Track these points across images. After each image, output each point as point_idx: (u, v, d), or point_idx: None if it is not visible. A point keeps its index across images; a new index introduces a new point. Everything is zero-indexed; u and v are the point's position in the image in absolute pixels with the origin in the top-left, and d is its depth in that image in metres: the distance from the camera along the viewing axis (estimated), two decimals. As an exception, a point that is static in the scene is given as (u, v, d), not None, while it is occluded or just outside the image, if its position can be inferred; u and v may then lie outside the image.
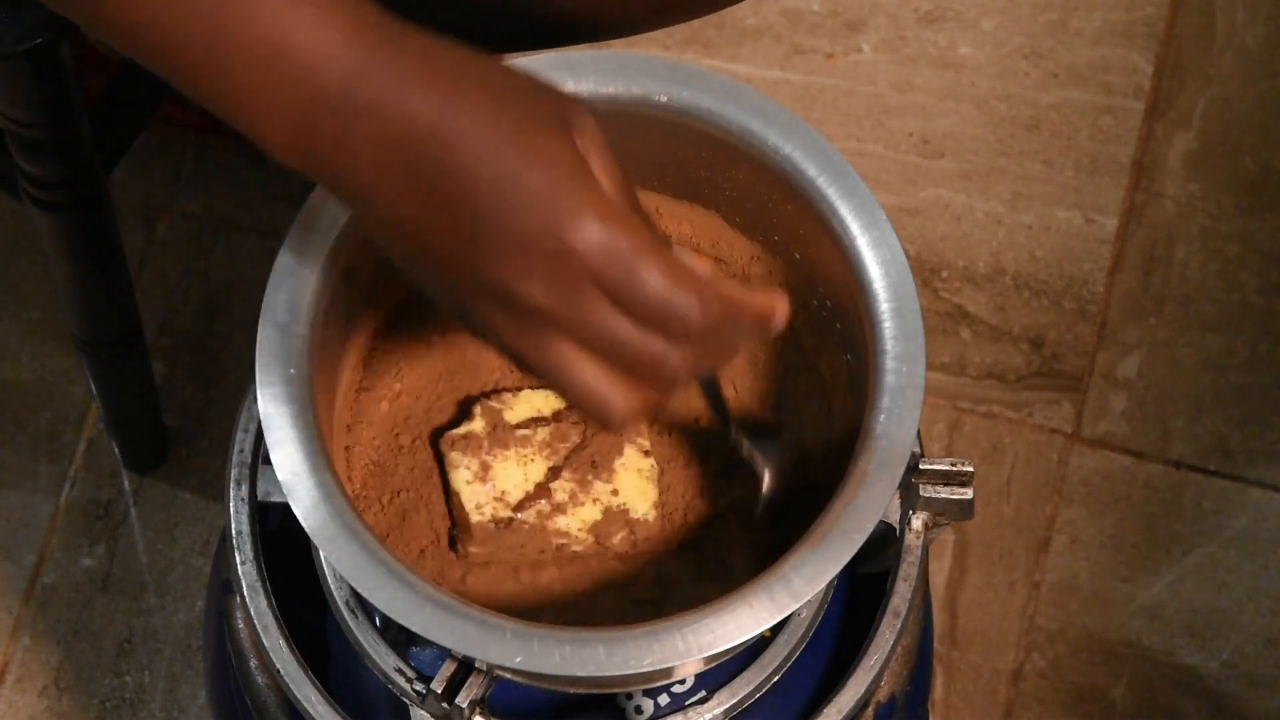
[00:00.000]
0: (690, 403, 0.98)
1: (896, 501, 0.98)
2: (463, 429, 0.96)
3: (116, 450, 1.48)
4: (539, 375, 0.78)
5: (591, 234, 0.75)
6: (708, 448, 0.98)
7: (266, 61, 0.75)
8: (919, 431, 0.96)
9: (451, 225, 0.76)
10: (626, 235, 0.75)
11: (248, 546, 0.99)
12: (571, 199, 0.75)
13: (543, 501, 0.95)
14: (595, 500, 0.95)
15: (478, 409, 0.96)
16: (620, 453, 0.96)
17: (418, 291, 1.00)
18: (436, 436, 0.97)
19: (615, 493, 0.95)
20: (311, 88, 0.75)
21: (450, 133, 0.75)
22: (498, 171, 0.75)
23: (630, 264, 0.75)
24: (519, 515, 0.94)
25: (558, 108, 0.77)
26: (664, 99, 0.93)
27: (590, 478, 0.95)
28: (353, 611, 0.95)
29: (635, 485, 0.95)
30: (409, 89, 0.75)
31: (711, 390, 0.93)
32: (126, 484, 1.49)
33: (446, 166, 0.75)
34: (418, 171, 0.75)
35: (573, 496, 0.95)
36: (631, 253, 0.75)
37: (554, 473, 0.95)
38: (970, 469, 0.95)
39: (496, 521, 0.94)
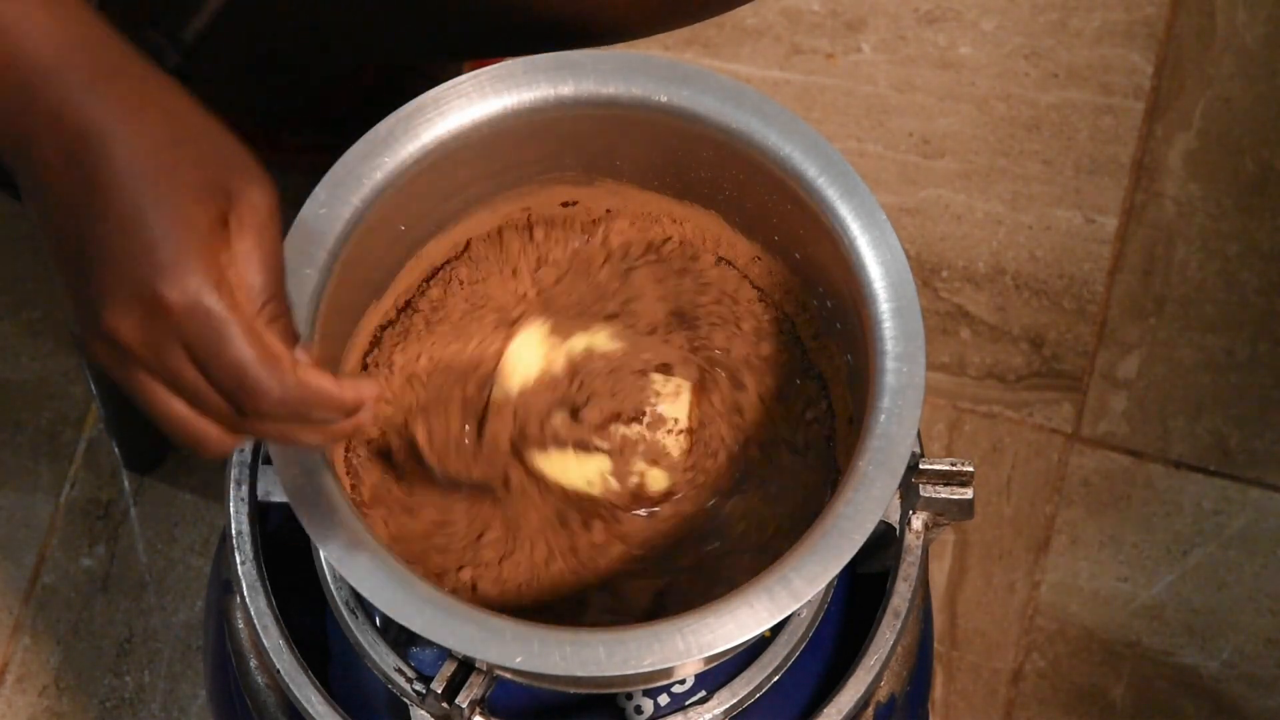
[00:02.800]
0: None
1: (896, 501, 0.98)
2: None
3: (116, 450, 1.48)
4: (136, 404, 0.80)
5: (184, 293, 0.76)
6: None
7: None
8: (919, 431, 0.96)
9: (79, 242, 0.77)
10: (222, 305, 0.76)
11: (248, 546, 0.99)
12: (178, 254, 0.76)
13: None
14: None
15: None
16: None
17: (419, 290, 1.00)
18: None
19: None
20: (11, 70, 0.76)
21: (112, 153, 0.76)
22: (134, 207, 0.76)
23: (213, 332, 0.77)
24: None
25: (227, 167, 0.78)
26: (664, 99, 0.93)
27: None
28: (353, 611, 0.95)
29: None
30: (96, 101, 0.76)
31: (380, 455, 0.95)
32: (126, 484, 1.49)
33: (96, 184, 0.76)
34: (73, 177, 0.77)
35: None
36: (220, 322, 0.77)
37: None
38: (970, 469, 0.95)
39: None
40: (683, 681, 0.99)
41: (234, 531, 0.99)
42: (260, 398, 0.77)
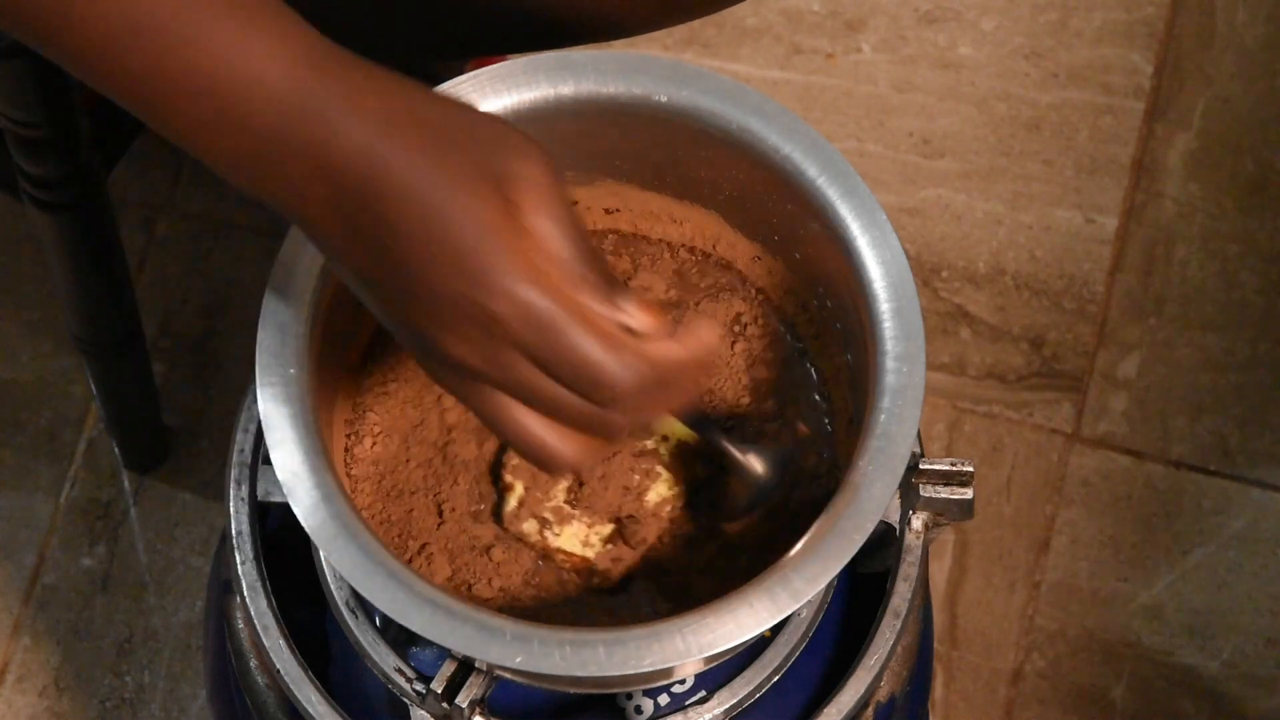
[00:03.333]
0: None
1: (896, 501, 0.98)
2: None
3: (116, 450, 1.48)
4: (485, 424, 0.79)
5: (512, 302, 0.74)
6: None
7: (209, 94, 0.75)
8: (919, 431, 0.96)
9: (382, 273, 0.76)
10: (549, 302, 0.75)
11: (248, 546, 0.99)
12: (492, 264, 0.74)
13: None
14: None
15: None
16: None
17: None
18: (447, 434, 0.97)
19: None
20: (252, 122, 0.75)
21: (379, 179, 0.74)
22: (423, 227, 0.74)
23: (552, 334, 0.75)
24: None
25: (498, 155, 0.77)
26: (664, 99, 0.93)
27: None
28: (353, 611, 0.95)
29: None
30: (344, 130, 0.75)
31: (698, 424, 0.93)
32: (126, 484, 1.49)
33: (375, 214, 0.75)
34: (351, 215, 0.75)
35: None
36: (553, 321, 0.75)
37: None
38: (970, 469, 0.95)
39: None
40: (683, 681, 0.99)
41: (234, 531, 0.99)
42: (614, 387, 0.76)
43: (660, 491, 0.95)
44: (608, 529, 0.95)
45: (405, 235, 0.75)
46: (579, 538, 0.95)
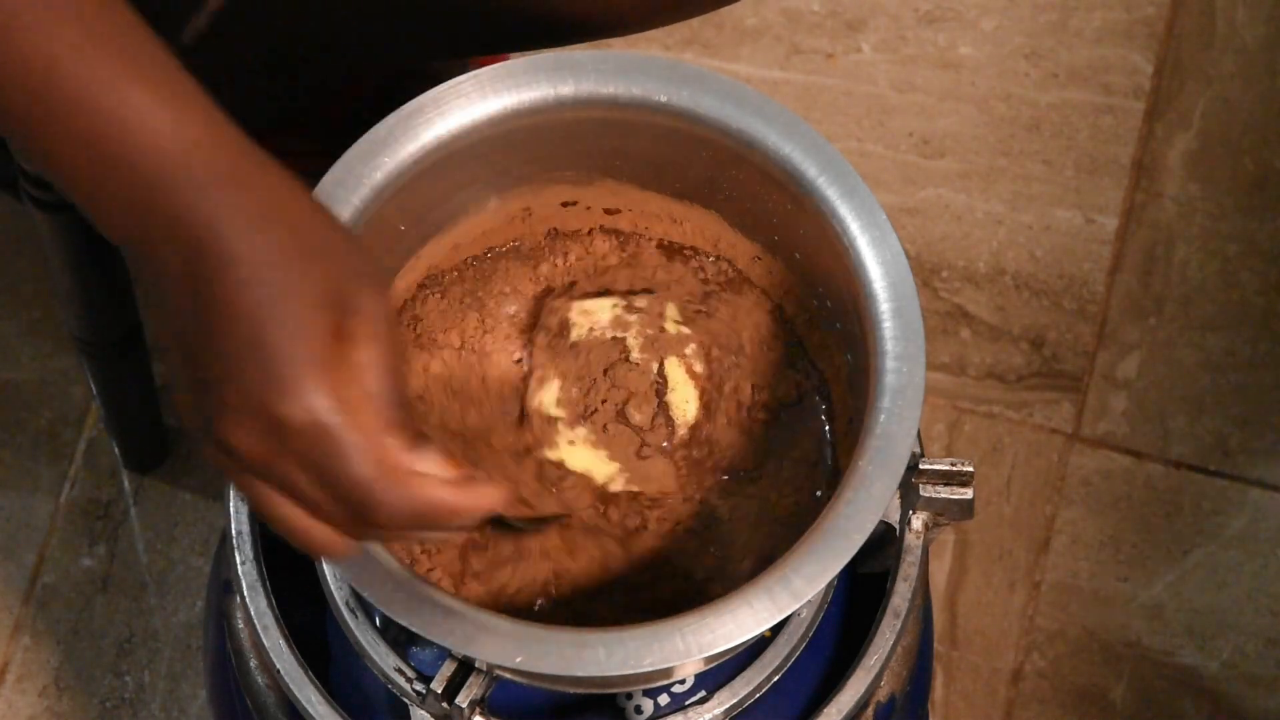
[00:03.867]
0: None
1: (896, 501, 0.98)
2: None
3: (116, 450, 1.48)
4: (256, 511, 0.80)
5: (303, 411, 0.75)
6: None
7: (98, 140, 0.75)
8: (919, 431, 0.96)
9: (201, 348, 0.76)
10: (339, 420, 0.76)
11: (248, 546, 0.99)
12: (297, 372, 0.75)
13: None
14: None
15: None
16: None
17: (421, 287, 1.00)
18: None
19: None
20: (132, 179, 0.76)
21: (230, 267, 0.75)
22: (252, 323, 0.75)
23: (332, 450, 0.76)
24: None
25: (348, 281, 0.77)
26: (664, 99, 0.93)
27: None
28: (353, 611, 0.95)
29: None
30: (216, 209, 0.76)
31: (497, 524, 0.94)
32: (126, 484, 1.49)
33: (215, 296, 0.76)
34: (194, 287, 0.76)
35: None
36: (337, 439, 0.76)
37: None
38: (970, 469, 0.95)
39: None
40: (683, 681, 0.99)
41: (234, 531, 0.99)
42: (381, 513, 0.77)
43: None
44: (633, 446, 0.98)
45: (232, 320, 0.76)
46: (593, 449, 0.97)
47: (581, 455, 0.98)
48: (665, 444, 0.98)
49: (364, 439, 0.76)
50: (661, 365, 0.99)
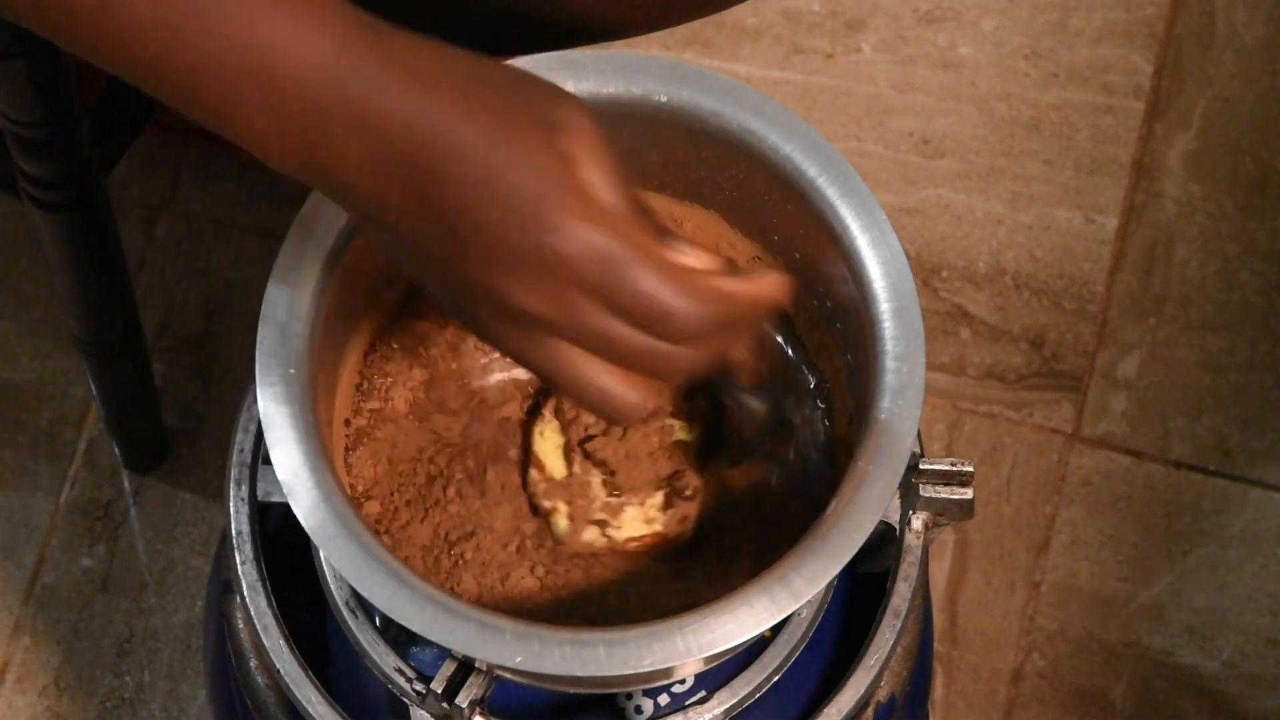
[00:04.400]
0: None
1: (896, 501, 0.98)
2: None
3: (116, 450, 1.48)
4: (542, 377, 0.79)
5: (576, 241, 0.75)
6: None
7: (253, 73, 0.74)
8: (919, 431, 0.96)
9: (441, 231, 0.76)
10: (613, 240, 0.75)
11: (248, 546, 0.99)
12: (555, 205, 0.75)
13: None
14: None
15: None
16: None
17: (418, 290, 1.00)
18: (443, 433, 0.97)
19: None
20: (298, 96, 0.75)
21: (433, 137, 0.75)
22: (482, 177, 0.75)
23: (618, 269, 0.75)
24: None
25: (544, 107, 0.77)
26: (664, 99, 0.93)
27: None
28: (353, 611, 0.95)
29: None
30: (392, 94, 0.75)
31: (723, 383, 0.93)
32: (126, 484, 1.49)
33: (432, 173, 0.75)
34: (406, 177, 0.75)
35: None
36: (619, 258, 0.75)
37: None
38: (970, 469, 0.95)
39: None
40: (683, 681, 0.99)
41: (234, 531, 0.99)
42: (684, 319, 0.76)
43: (681, 438, 0.96)
44: (660, 497, 0.95)
45: (462, 187, 0.74)
46: (641, 519, 0.95)
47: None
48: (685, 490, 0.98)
49: (638, 249, 0.75)
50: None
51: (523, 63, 0.94)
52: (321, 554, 0.95)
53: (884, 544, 0.99)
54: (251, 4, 0.74)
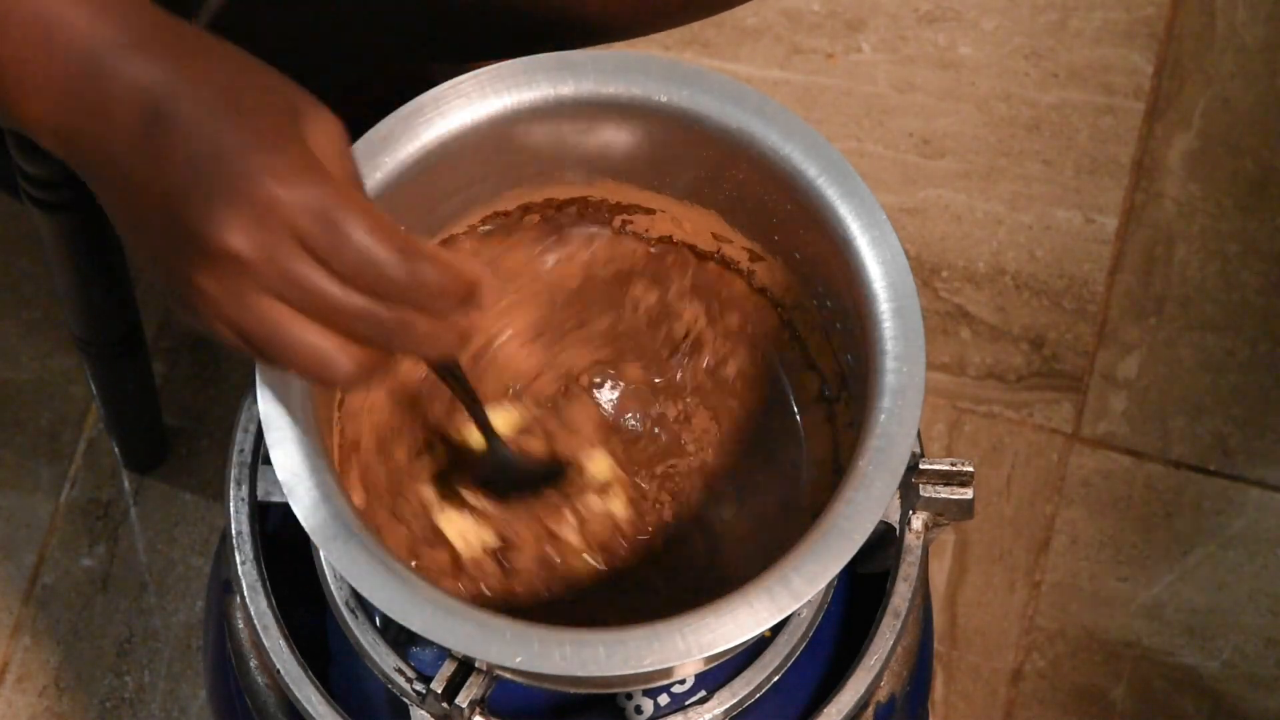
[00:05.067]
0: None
1: (896, 501, 0.98)
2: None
3: (116, 450, 1.48)
4: (253, 343, 0.78)
5: (293, 187, 0.76)
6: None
7: (35, 38, 0.77)
8: (919, 431, 0.96)
9: (168, 180, 0.77)
10: (329, 192, 0.76)
11: (248, 546, 0.99)
12: (278, 158, 0.76)
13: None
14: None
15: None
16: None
17: None
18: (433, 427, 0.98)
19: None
20: (71, 58, 0.77)
21: (183, 94, 0.77)
22: (218, 130, 0.76)
23: (331, 218, 0.76)
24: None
25: (292, 98, 0.79)
26: (664, 99, 0.93)
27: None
28: (353, 611, 0.95)
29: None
30: (154, 58, 0.78)
31: (452, 377, 0.92)
32: (126, 484, 1.49)
33: (174, 123, 0.77)
34: (149, 132, 0.77)
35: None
36: (333, 208, 0.76)
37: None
38: (970, 469, 0.95)
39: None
40: (683, 681, 0.99)
41: (234, 531, 0.99)
42: (392, 275, 0.76)
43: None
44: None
45: (193, 134, 0.76)
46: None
47: (601, 464, 0.98)
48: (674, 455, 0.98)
49: (357, 207, 0.76)
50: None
51: (523, 61, 0.94)
52: (321, 554, 0.95)
53: (884, 544, 0.99)
54: None
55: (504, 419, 0.97)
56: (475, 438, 0.96)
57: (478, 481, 0.95)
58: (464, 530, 0.95)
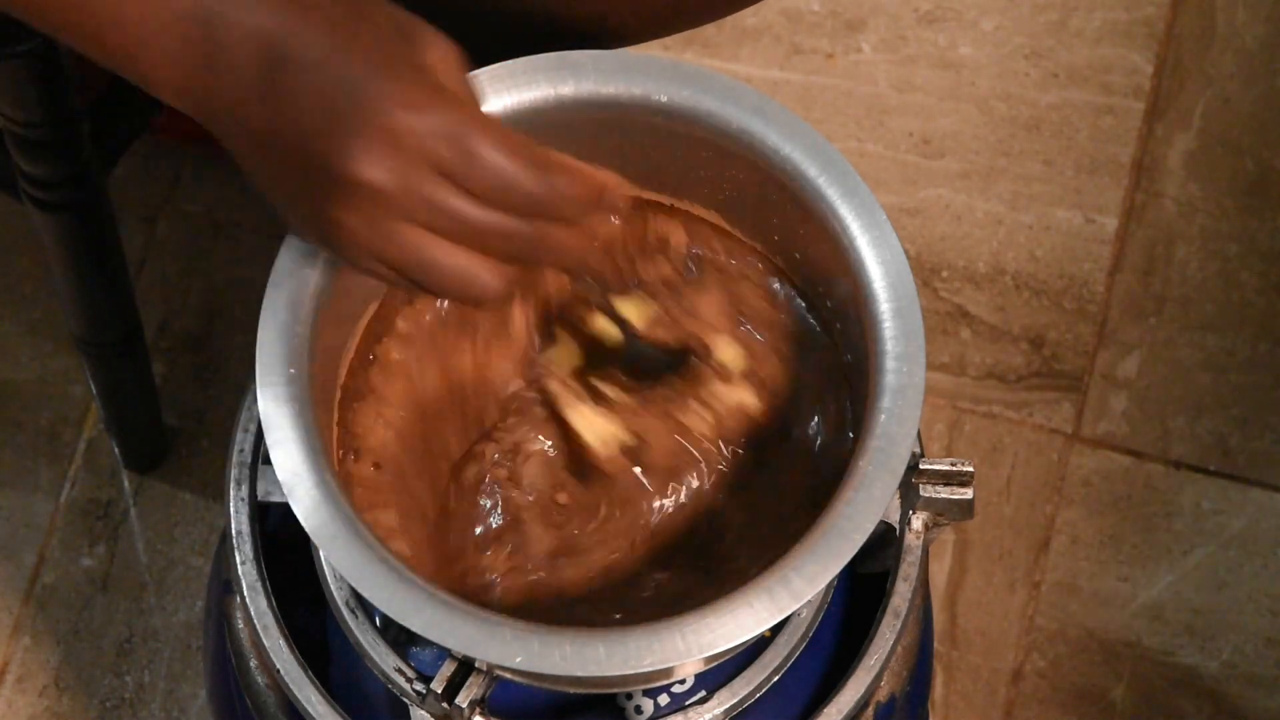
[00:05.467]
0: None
1: (896, 501, 0.98)
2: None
3: (116, 450, 1.48)
4: (401, 270, 0.80)
5: (421, 113, 0.77)
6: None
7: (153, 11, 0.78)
8: (919, 431, 0.96)
9: (299, 123, 0.78)
10: (458, 116, 0.77)
11: (248, 546, 0.99)
12: (405, 87, 0.77)
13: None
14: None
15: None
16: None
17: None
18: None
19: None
20: (184, 12, 0.78)
21: (301, 35, 0.78)
22: (341, 66, 0.77)
23: (462, 141, 0.77)
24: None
25: (403, 23, 0.80)
26: (664, 99, 0.93)
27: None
28: (353, 611, 0.95)
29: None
30: (265, 1, 0.78)
31: (589, 275, 0.93)
32: (126, 484, 1.49)
33: (296, 66, 0.77)
34: (272, 78, 0.78)
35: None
36: (463, 131, 0.77)
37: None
38: (970, 469, 0.95)
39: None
40: (683, 681, 0.99)
41: (234, 531, 0.99)
42: (529, 188, 0.78)
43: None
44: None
45: (320, 75, 0.77)
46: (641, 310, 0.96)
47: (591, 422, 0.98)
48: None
49: (482, 125, 0.77)
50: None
51: (523, 61, 0.94)
52: (321, 554, 0.95)
53: (884, 544, 0.99)
54: None
55: (635, 310, 0.97)
56: (608, 330, 0.96)
57: (608, 376, 0.96)
58: (598, 429, 0.95)
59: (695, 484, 0.97)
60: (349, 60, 0.78)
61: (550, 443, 0.98)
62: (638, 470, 0.96)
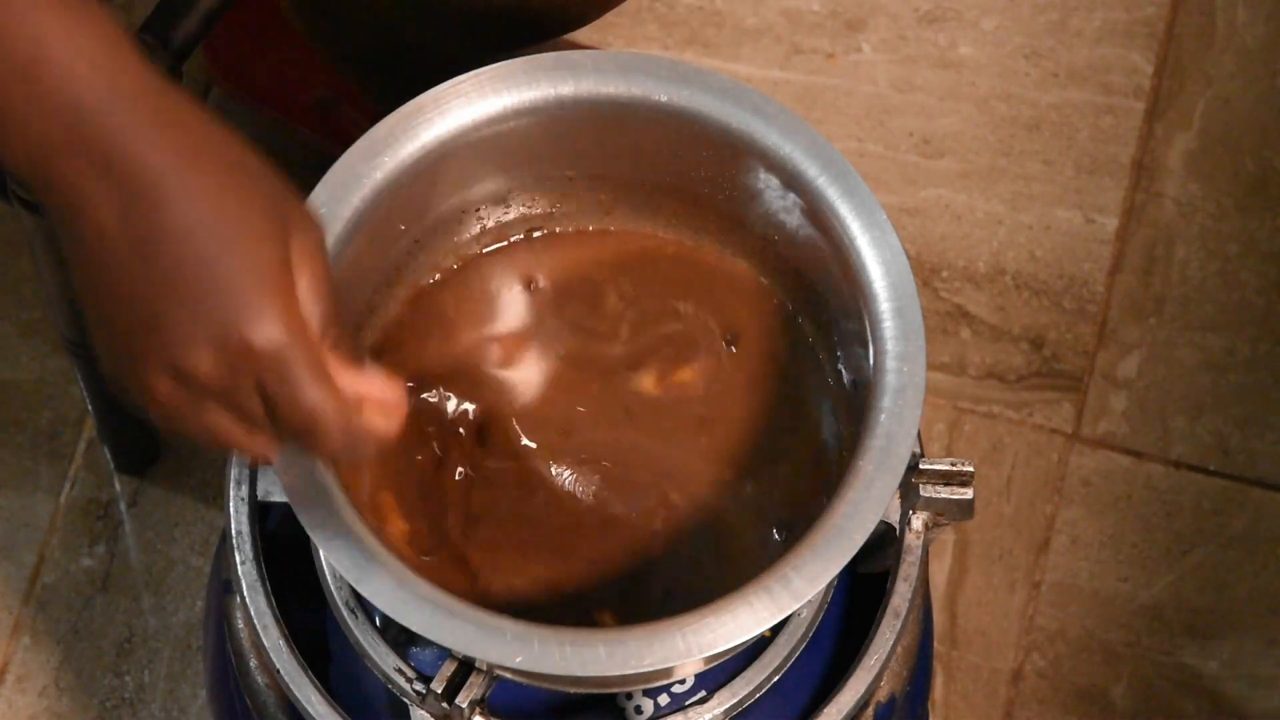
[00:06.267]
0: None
1: (896, 501, 0.98)
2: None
3: (107, 452, 1.48)
4: (197, 440, 0.81)
5: (270, 339, 0.77)
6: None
7: (23, 74, 0.75)
8: (919, 431, 0.96)
9: (149, 283, 0.77)
10: (301, 353, 0.78)
11: (248, 546, 0.99)
12: (262, 301, 0.77)
13: None
14: None
15: None
16: None
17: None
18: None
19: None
20: (63, 110, 0.76)
21: (174, 196, 0.76)
22: (205, 248, 0.77)
23: (293, 379, 0.78)
24: None
25: (282, 205, 0.79)
26: (664, 99, 0.94)
27: None
28: (353, 611, 0.95)
29: None
30: (150, 141, 0.76)
31: None
32: (126, 484, 1.49)
33: (162, 228, 0.76)
34: (136, 222, 0.76)
35: None
36: (299, 370, 0.78)
37: None
38: (970, 469, 0.95)
39: None
40: (683, 681, 0.99)
41: (234, 531, 0.99)
42: (323, 441, 0.79)
43: None
44: None
45: (183, 249, 0.77)
46: None
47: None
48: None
49: (320, 369, 0.79)
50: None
51: (522, 61, 0.94)
52: (321, 554, 0.95)
53: (884, 544, 0.99)
54: (37, 13, 0.75)
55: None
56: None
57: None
58: None
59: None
60: (223, 242, 0.77)
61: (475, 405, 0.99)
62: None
